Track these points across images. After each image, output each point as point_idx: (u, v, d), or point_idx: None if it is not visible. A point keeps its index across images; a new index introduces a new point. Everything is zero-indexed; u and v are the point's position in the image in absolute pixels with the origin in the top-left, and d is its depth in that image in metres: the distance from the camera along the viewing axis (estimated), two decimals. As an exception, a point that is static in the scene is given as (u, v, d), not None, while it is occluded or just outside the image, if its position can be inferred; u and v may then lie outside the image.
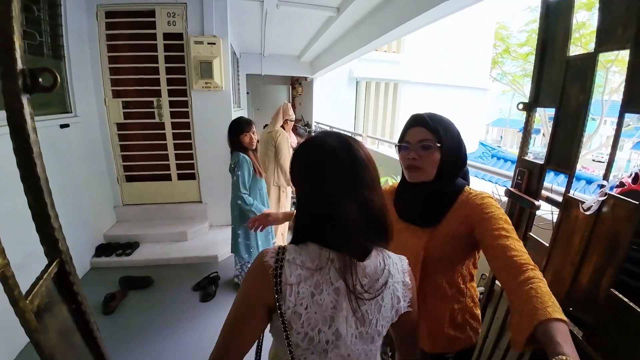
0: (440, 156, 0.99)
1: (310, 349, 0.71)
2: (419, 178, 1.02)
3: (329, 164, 0.70)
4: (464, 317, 1.09)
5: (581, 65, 1.12)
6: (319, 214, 0.71)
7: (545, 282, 0.75)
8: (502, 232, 0.88)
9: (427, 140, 0.99)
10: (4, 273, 0.50)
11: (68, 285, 0.63)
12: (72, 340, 0.67)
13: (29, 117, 0.57)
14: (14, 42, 0.56)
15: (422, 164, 1.00)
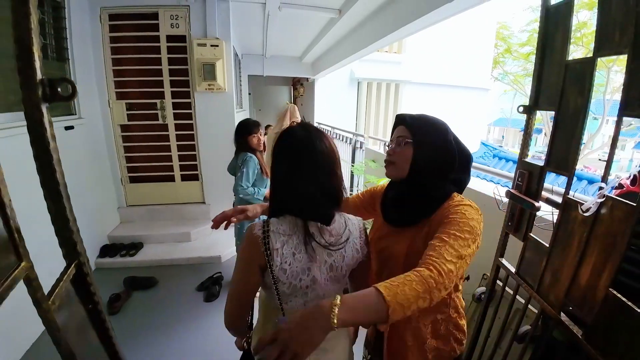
0: (413, 152, 0.99)
1: (294, 294, 0.93)
2: (391, 173, 1.05)
3: (295, 152, 0.91)
4: (447, 328, 1.07)
5: (580, 69, 1.14)
6: (288, 192, 0.92)
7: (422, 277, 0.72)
8: (444, 235, 0.84)
9: (402, 137, 1.02)
10: (29, 275, 0.53)
11: (85, 287, 0.66)
12: (89, 339, 0.69)
13: (48, 125, 0.60)
14: (33, 52, 0.58)
15: (395, 158, 1.02)
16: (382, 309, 0.66)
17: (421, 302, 0.71)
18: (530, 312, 1.49)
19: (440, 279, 0.73)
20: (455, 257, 0.80)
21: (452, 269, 0.77)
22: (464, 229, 0.86)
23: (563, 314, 1.19)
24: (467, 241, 0.85)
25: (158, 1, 3.43)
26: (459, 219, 0.88)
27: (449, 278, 0.75)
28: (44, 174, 0.60)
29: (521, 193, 1.33)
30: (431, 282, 0.72)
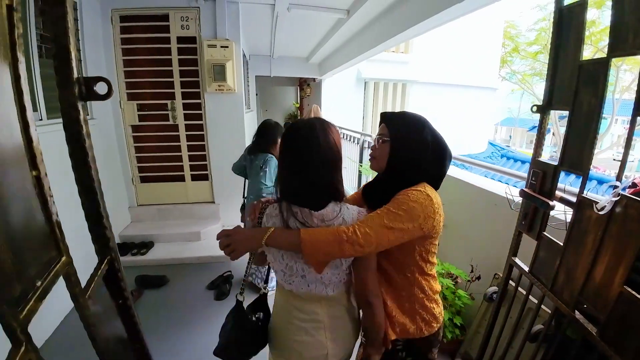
0: (390, 149, 1.09)
1: (293, 275, 1.04)
2: (373, 166, 1.17)
3: (294, 146, 1.00)
4: (412, 306, 1.13)
5: (593, 69, 1.15)
6: (286, 181, 1.03)
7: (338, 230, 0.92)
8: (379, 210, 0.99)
9: (383, 135, 1.12)
10: (68, 271, 0.55)
11: (116, 282, 0.68)
12: (118, 333, 0.72)
13: (84, 123, 0.62)
14: (70, 52, 0.60)
15: (376, 154, 1.14)
16: (296, 242, 0.92)
17: (330, 248, 0.91)
18: (542, 311, 1.50)
19: (353, 236, 0.91)
20: (378, 224, 0.95)
21: (369, 232, 0.92)
22: (401, 207, 0.98)
23: (577, 311, 1.20)
24: (400, 217, 0.96)
25: (169, 3, 3.47)
26: (400, 199, 1.01)
27: (365, 239, 0.91)
28: (79, 171, 0.62)
29: (535, 192, 1.34)
30: (342, 235, 0.91)
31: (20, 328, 0.39)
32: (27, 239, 0.45)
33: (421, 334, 1.14)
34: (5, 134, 0.43)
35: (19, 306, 0.40)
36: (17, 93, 0.47)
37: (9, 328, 0.38)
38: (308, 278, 1.04)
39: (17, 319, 0.39)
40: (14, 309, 0.39)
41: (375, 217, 0.97)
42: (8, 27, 0.45)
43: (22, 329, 0.39)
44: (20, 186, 0.45)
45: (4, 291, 0.37)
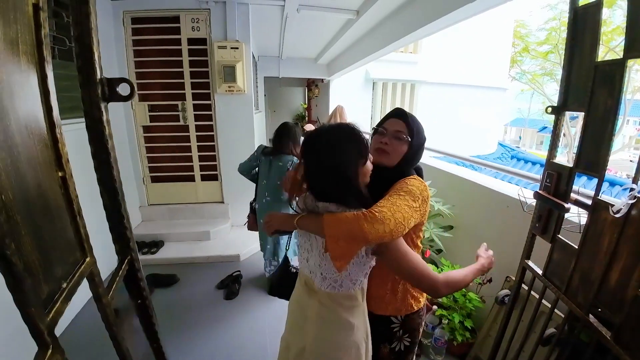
0: (407, 150, 1.15)
1: (308, 253, 1.13)
2: (383, 160, 1.16)
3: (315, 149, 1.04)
4: (404, 287, 1.21)
5: (609, 70, 1.14)
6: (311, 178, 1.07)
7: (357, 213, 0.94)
8: (387, 195, 1.03)
9: (402, 133, 1.15)
10: (92, 271, 0.55)
11: (136, 282, 0.69)
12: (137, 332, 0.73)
13: (106, 124, 0.63)
14: (93, 52, 0.61)
15: (391, 150, 1.15)
16: (320, 224, 0.96)
17: (349, 225, 0.92)
18: (555, 314, 1.48)
19: (369, 214, 0.93)
20: (389, 203, 0.98)
21: (383, 209, 0.95)
22: (402, 189, 1.05)
23: (591, 315, 1.18)
24: (405, 197, 1.02)
25: (179, 5, 3.51)
26: (398, 186, 1.07)
27: (381, 214, 0.93)
28: (102, 172, 0.63)
29: (549, 194, 1.33)
30: (360, 214, 0.93)
31: (48, 330, 0.39)
32: (54, 240, 0.45)
33: (411, 309, 1.23)
34: (32, 135, 0.44)
35: (46, 308, 0.40)
36: (43, 93, 0.47)
37: (37, 331, 0.38)
38: (310, 263, 1.12)
39: (44, 322, 0.39)
40: (41, 312, 0.39)
41: (383, 200, 1.00)
42: (35, 27, 0.46)
43: (49, 331, 0.39)
44: (47, 187, 0.46)
45: (33, 293, 0.38)
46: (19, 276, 0.35)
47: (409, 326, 1.24)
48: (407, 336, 1.24)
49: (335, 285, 1.07)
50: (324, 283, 1.08)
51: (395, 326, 1.23)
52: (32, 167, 0.42)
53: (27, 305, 0.37)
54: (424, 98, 8.62)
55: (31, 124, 0.43)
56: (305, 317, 1.14)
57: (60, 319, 1.11)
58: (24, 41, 0.43)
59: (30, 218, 0.41)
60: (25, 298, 0.37)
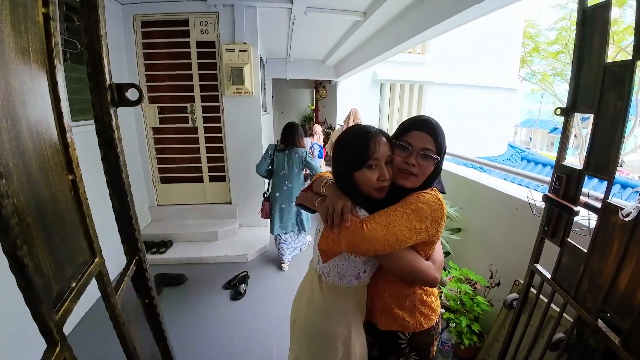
0: (433, 170, 1.03)
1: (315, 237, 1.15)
2: (410, 185, 1.04)
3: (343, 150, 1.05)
4: (412, 303, 1.13)
5: (619, 72, 1.12)
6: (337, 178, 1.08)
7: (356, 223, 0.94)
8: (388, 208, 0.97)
9: (431, 151, 1.01)
10: (101, 271, 0.57)
11: (144, 281, 0.70)
12: (144, 331, 0.74)
13: (116, 128, 0.65)
14: (103, 59, 0.63)
15: (418, 172, 1.01)
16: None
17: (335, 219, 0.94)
18: (564, 319, 1.46)
19: (359, 231, 0.91)
20: (385, 221, 0.94)
21: (376, 228, 0.92)
22: (409, 206, 0.97)
23: (600, 320, 1.17)
24: (408, 216, 0.95)
25: (188, 8, 3.55)
26: (408, 200, 0.99)
27: (371, 232, 0.91)
28: (111, 175, 0.64)
29: (559, 197, 1.31)
30: (352, 225, 0.93)
31: (57, 328, 0.40)
32: (64, 241, 0.47)
33: (421, 327, 1.14)
34: (44, 140, 0.45)
35: (55, 307, 0.42)
36: (54, 99, 0.49)
37: (46, 328, 0.39)
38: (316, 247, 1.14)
39: (53, 320, 0.40)
40: (51, 310, 0.41)
41: (383, 214, 0.96)
42: (45, 35, 0.47)
43: (58, 329, 0.41)
44: (57, 189, 0.47)
45: (43, 292, 0.39)
46: (29, 276, 0.36)
47: (418, 344, 1.16)
48: (415, 354, 1.16)
49: (324, 272, 1.11)
50: (317, 266, 1.14)
51: (403, 342, 1.15)
52: (43, 171, 0.44)
53: (37, 304, 0.38)
54: (432, 99, 8.56)
55: (42, 129, 0.45)
56: (303, 291, 1.24)
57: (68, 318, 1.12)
58: (35, 50, 0.45)
59: (41, 220, 0.42)
60: (36, 297, 0.38)
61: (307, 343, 1.16)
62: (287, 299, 2.78)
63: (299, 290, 1.30)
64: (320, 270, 1.13)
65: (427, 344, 1.18)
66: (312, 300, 1.16)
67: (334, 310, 1.12)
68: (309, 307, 1.16)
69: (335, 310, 1.11)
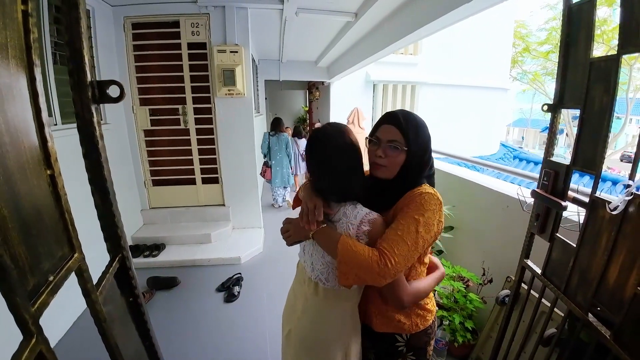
0: (405, 159, 1.03)
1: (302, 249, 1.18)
2: (381, 175, 1.07)
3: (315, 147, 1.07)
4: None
5: (604, 66, 1.14)
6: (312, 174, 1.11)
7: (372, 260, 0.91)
8: (396, 224, 0.97)
9: (396, 142, 1.03)
10: (80, 267, 0.56)
11: (128, 279, 0.69)
12: (128, 330, 0.73)
13: (97, 125, 0.64)
14: (83, 56, 0.62)
15: (387, 163, 1.04)
16: (333, 247, 0.96)
17: (363, 272, 0.91)
18: (555, 314, 1.47)
19: (384, 267, 0.90)
20: (406, 251, 0.93)
21: (400, 262, 0.92)
22: (420, 221, 0.96)
23: (591, 314, 1.17)
24: (421, 235, 0.96)
25: (179, 10, 3.53)
26: (414, 210, 0.98)
27: (395, 269, 0.91)
28: (93, 172, 0.64)
29: (547, 193, 1.32)
30: (375, 265, 0.90)
31: (32, 320, 0.40)
32: (41, 235, 0.46)
33: (417, 328, 1.14)
34: (21, 135, 0.45)
35: (31, 299, 0.41)
36: (32, 95, 0.48)
37: (21, 320, 0.39)
38: (306, 250, 1.15)
39: (28, 312, 0.40)
40: (26, 302, 0.40)
41: (400, 242, 0.94)
42: (24, 32, 0.47)
43: (34, 321, 0.40)
44: (35, 184, 0.46)
45: (18, 284, 0.39)
46: (4, 267, 0.36)
47: (415, 345, 1.16)
48: (412, 354, 1.16)
49: (322, 278, 1.08)
50: (312, 273, 1.11)
51: (400, 345, 1.15)
52: (20, 165, 0.43)
53: (12, 294, 0.38)
54: (425, 99, 8.61)
55: (20, 124, 0.44)
56: (295, 303, 1.20)
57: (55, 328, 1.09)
58: (13, 46, 0.45)
59: (18, 214, 0.42)
60: (11, 288, 0.38)
61: (305, 353, 1.14)
62: (281, 301, 2.74)
63: (288, 302, 1.27)
64: (317, 277, 1.09)
65: (424, 344, 1.18)
66: (308, 309, 1.13)
67: (333, 315, 1.10)
68: (304, 316, 1.13)
69: (334, 315, 1.10)
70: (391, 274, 0.91)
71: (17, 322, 0.39)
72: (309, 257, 1.13)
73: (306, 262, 1.15)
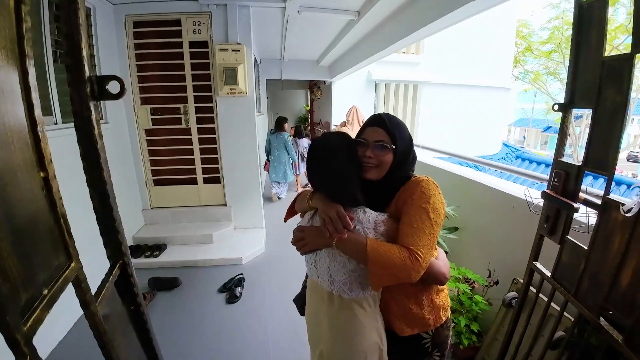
0: (393, 158, 1.09)
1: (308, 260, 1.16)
2: (374, 176, 1.10)
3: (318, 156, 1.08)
4: (429, 297, 1.16)
5: (617, 66, 1.10)
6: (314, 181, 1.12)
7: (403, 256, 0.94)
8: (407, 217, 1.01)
9: (384, 141, 1.08)
10: (78, 276, 0.52)
11: (129, 287, 0.66)
12: (130, 340, 0.70)
13: (96, 124, 0.60)
14: (81, 49, 0.59)
15: (377, 162, 1.08)
16: (362, 251, 0.96)
17: (397, 271, 0.93)
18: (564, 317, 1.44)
19: (416, 263, 0.93)
20: (430, 243, 0.99)
21: (427, 254, 0.96)
22: (428, 210, 1.01)
23: (601, 318, 1.15)
24: (437, 224, 1.02)
25: (181, 8, 3.51)
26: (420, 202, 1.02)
27: (424, 259, 0.95)
28: (91, 174, 0.60)
29: (557, 194, 1.29)
30: (408, 262, 0.93)
31: (25, 340, 0.36)
32: (35, 244, 0.43)
33: (440, 321, 1.16)
34: (12, 134, 0.41)
35: (23, 316, 0.38)
36: (24, 90, 0.45)
37: (13, 341, 0.35)
38: (319, 266, 1.11)
39: (21, 331, 0.36)
40: (18, 320, 0.37)
41: (423, 236, 0.98)
42: (15, 20, 0.44)
43: (27, 341, 0.37)
44: (27, 188, 0.43)
45: (8, 301, 0.35)
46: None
47: (439, 339, 1.18)
48: (437, 351, 1.18)
49: (344, 289, 1.06)
50: (333, 286, 1.08)
51: (427, 342, 1.16)
52: (11, 167, 0.40)
53: (2, 313, 0.34)
54: (427, 99, 8.58)
55: (10, 122, 0.41)
56: (319, 323, 1.15)
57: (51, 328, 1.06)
58: (3, 36, 0.41)
59: (8, 220, 0.38)
60: (1, 306, 0.34)
61: None
62: (283, 302, 2.75)
63: (310, 325, 1.22)
64: (338, 289, 1.07)
65: (446, 337, 1.21)
66: (336, 327, 1.09)
67: (362, 324, 1.08)
68: (333, 333, 1.10)
69: (363, 324, 1.08)
70: (423, 267, 0.94)
71: (8, 343, 0.35)
72: (326, 270, 1.09)
73: (321, 278, 1.11)
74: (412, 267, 0.92)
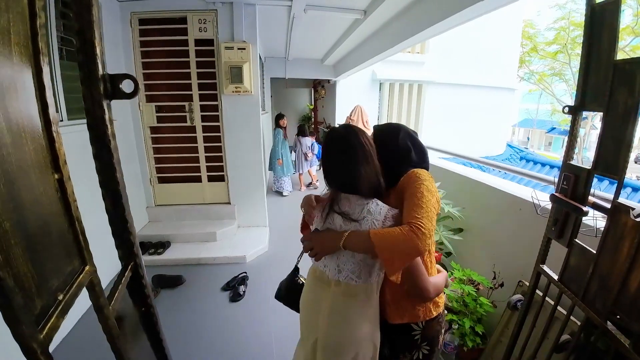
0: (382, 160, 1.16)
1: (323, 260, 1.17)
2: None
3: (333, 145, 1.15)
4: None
5: (629, 69, 1.09)
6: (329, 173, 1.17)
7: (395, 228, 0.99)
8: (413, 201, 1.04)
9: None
10: (92, 281, 0.52)
11: (140, 289, 0.65)
12: (142, 344, 0.69)
13: (109, 123, 0.60)
14: (95, 47, 0.57)
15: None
16: (369, 245, 0.99)
17: (404, 246, 0.96)
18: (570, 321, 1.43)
19: (417, 231, 0.96)
20: (423, 211, 1.01)
21: (427, 224, 0.98)
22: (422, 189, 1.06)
23: (609, 322, 1.14)
24: (427, 196, 1.05)
25: (187, 6, 3.50)
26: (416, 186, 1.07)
27: (429, 230, 0.98)
28: (104, 174, 0.59)
29: (566, 197, 1.28)
30: (410, 233, 0.96)
31: (41, 349, 0.36)
32: (49, 248, 0.42)
33: (430, 314, 1.19)
34: (25, 134, 0.40)
35: (39, 324, 0.37)
36: (38, 88, 0.44)
37: (29, 350, 0.35)
38: (326, 257, 1.15)
39: (37, 340, 0.36)
40: (34, 328, 0.36)
41: (416, 209, 1.02)
42: (29, 16, 0.43)
43: (43, 349, 0.36)
44: (41, 190, 0.43)
45: (24, 310, 0.35)
46: (8, 292, 0.32)
47: (429, 334, 1.21)
48: (426, 344, 1.21)
49: (353, 277, 1.11)
50: (340, 275, 1.12)
51: (417, 333, 1.19)
52: (24, 169, 0.39)
53: (17, 323, 0.33)
54: (432, 99, 8.54)
55: (24, 122, 0.40)
56: (318, 310, 1.17)
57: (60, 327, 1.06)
58: (16, 32, 0.40)
59: (22, 226, 0.37)
60: (16, 315, 0.33)
61: (337, 355, 1.13)
62: (286, 301, 2.74)
63: (307, 311, 1.25)
64: (346, 277, 1.11)
65: (437, 332, 1.23)
66: (338, 309, 1.13)
67: (365, 310, 1.12)
68: (332, 320, 1.13)
69: (366, 310, 1.12)
70: (426, 235, 0.96)
71: (25, 352, 0.34)
72: (334, 260, 1.13)
73: (328, 267, 1.16)
74: (415, 236, 0.95)
